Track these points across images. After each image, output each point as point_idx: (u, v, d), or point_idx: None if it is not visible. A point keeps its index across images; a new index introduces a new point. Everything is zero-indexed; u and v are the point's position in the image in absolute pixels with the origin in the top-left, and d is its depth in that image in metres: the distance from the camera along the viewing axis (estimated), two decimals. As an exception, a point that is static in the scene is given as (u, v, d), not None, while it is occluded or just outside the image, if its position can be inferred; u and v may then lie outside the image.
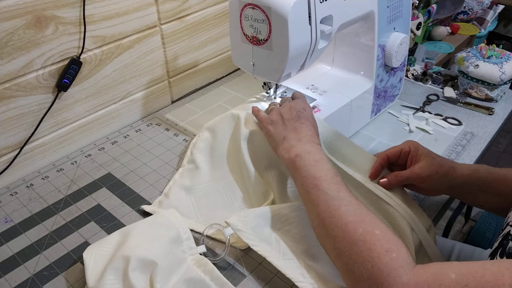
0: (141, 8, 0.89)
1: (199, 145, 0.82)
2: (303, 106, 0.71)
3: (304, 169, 0.62)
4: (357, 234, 0.53)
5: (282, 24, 0.66)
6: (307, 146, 0.65)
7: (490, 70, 0.99)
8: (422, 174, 0.66)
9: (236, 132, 0.78)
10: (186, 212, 0.73)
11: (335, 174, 0.61)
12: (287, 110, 0.70)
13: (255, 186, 0.73)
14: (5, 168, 0.81)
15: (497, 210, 0.70)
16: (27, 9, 0.72)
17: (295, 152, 0.65)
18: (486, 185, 0.67)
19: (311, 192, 0.60)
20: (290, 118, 0.69)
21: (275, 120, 0.71)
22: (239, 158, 0.76)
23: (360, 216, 0.55)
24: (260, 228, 0.63)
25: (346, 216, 0.55)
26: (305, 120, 0.69)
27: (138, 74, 0.96)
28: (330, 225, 0.56)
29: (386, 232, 0.53)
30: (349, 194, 0.59)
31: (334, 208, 0.56)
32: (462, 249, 0.93)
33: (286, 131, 0.68)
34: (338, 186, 0.59)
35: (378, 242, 0.51)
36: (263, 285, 0.62)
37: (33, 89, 0.79)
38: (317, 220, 0.58)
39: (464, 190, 0.69)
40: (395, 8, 0.88)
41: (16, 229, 0.72)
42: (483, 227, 1.15)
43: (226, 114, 0.81)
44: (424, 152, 0.68)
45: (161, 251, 0.60)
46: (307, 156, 0.63)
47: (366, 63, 0.89)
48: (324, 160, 0.63)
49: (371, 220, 0.54)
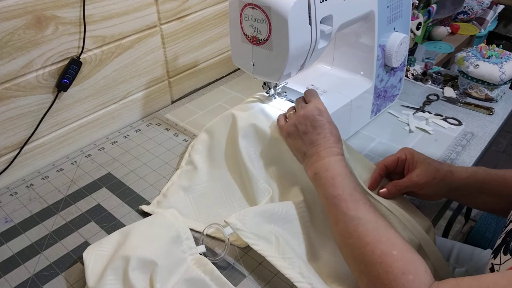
0: (141, 8, 0.89)
1: (197, 146, 0.82)
2: (317, 111, 0.68)
3: (323, 188, 0.63)
4: (375, 256, 0.53)
5: (282, 24, 0.66)
6: (325, 161, 0.64)
7: (490, 70, 0.99)
8: (420, 181, 0.67)
9: (233, 131, 0.79)
10: (185, 211, 0.73)
11: (354, 190, 0.61)
12: (302, 121, 0.68)
13: (253, 183, 0.73)
14: (5, 168, 0.81)
15: (497, 211, 0.70)
16: (27, 9, 0.72)
17: (314, 170, 0.65)
18: (485, 187, 0.67)
19: (331, 211, 0.61)
20: (305, 130, 0.68)
21: (292, 133, 0.69)
22: (237, 156, 0.77)
23: (377, 236, 0.55)
24: (259, 227, 0.63)
25: (364, 237, 0.55)
26: (322, 130, 0.67)
27: (138, 74, 0.96)
28: (350, 246, 0.56)
29: (404, 252, 0.53)
30: (367, 211, 0.58)
31: (353, 229, 0.57)
32: (462, 249, 0.93)
33: (304, 146, 0.67)
34: (356, 205, 0.59)
35: (395, 264, 0.51)
36: (263, 285, 0.62)
37: (33, 89, 0.79)
38: (339, 239, 0.59)
39: (463, 192, 0.69)
40: (395, 8, 0.88)
41: (16, 229, 0.72)
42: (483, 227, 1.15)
43: (223, 114, 0.81)
44: (420, 158, 0.68)
45: (161, 251, 0.60)
46: (325, 174, 0.63)
47: (366, 63, 0.89)
48: (343, 175, 0.63)
49: (388, 240, 0.54)
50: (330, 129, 0.68)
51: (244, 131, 0.77)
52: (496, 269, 0.51)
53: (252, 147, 0.77)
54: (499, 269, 0.51)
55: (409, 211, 0.69)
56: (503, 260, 0.51)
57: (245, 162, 0.74)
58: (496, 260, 0.52)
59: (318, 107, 0.69)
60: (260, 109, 0.80)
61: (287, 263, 0.60)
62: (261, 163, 0.77)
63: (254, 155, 0.77)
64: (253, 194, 0.73)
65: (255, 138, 0.77)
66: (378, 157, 0.86)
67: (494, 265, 0.52)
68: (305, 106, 0.70)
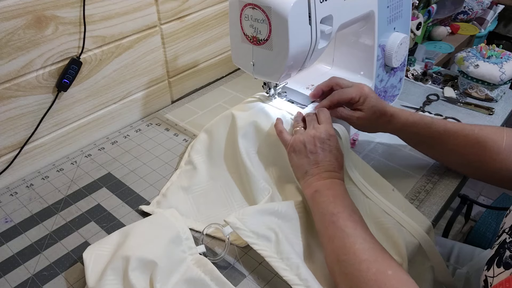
0: (141, 8, 0.89)
1: (196, 147, 0.82)
2: (327, 135, 0.69)
3: (322, 205, 0.63)
4: (369, 274, 0.53)
5: (282, 24, 0.66)
6: (327, 182, 0.65)
7: (490, 70, 0.99)
8: (359, 123, 0.76)
9: (232, 131, 0.79)
10: (185, 211, 0.73)
11: (353, 211, 0.61)
12: (311, 140, 0.69)
13: (253, 183, 0.73)
14: (5, 168, 0.81)
15: (440, 161, 0.81)
16: (27, 9, 0.72)
17: (314, 188, 0.65)
18: (423, 138, 0.76)
19: (328, 228, 0.60)
20: (313, 151, 0.68)
21: (298, 150, 0.69)
22: (237, 156, 0.77)
23: (374, 255, 0.55)
24: (259, 226, 0.63)
25: (360, 254, 0.55)
26: (328, 153, 0.68)
27: (138, 74, 0.96)
28: (344, 262, 0.56)
29: (398, 273, 0.53)
30: (365, 231, 0.59)
31: (350, 245, 0.57)
32: (462, 249, 0.94)
33: (308, 165, 0.68)
34: (355, 224, 0.59)
35: (389, 283, 0.52)
36: (263, 285, 0.62)
37: (33, 89, 0.79)
38: (332, 256, 0.59)
39: (402, 136, 0.78)
40: (395, 8, 0.88)
41: (16, 229, 0.72)
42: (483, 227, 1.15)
43: (222, 114, 0.81)
44: (369, 104, 0.74)
45: (160, 251, 0.60)
46: (325, 192, 0.63)
47: (366, 63, 0.89)
48: (343, 196, 0.63)
49: (384, 260, 0.54)
50: (336, 155, 0.68)
51: (244, 131, 0.77)
52: (490, 281, 0.51)
53: (252, 146, 0.77)
54: (492, 281, 0.51)
55: (408, 211, 0.69)
56: (496, 272, 0.51)
57: (245, 162, 0.74)
58: (490, 272, 0.52)
59: (329, 131, 0.70)
60: (260, 109, 0.80)
61: (285, 264, 0.60)
62: (261, 162, 0.77)
63: (254, 154, 0.77)
64: (253, 194, 0.73)
65: (254, 137, 0.77)
66: (378, 157, 0.86)
67: (488, 277, 0.52)
68: (317, 127, 0.70)
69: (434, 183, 0.80)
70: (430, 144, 0.76)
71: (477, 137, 0.70)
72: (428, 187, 0.79)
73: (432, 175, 0.81)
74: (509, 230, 0.54)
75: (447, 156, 0.77)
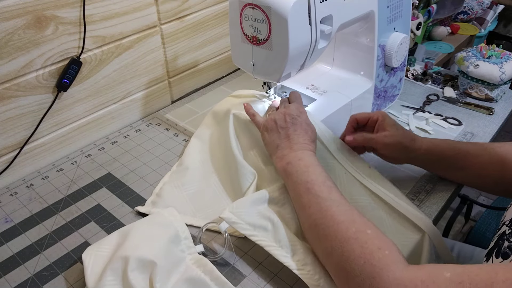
0: (141, 8, 0.89)
1: (187, 150, 0.84)
2: (297, 112, 0.71)
3: (295, 175, 0.64)
4: (349, 233, 0.54)
5: (282, 24, 0.66)
6: (298, 153, 0.66)
7: (490, 70, 0.99)
8: (387, 141, 0.72)
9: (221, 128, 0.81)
10: (181, 208, 0.73)
11: (326, 178, 0.62)
12: (281, 117, 0.71)
13: (239, 170, 0.74)
14: (5, 168, 0.81)
15: (468, 183, 0.77)
16: (27, 9, 0.72)
17: (286, 160, 0.66)
18: (446, 160, 0.73)
19: (302, 196, 0.61)
20: (284, 126, 0.70)
21: (270, 128, 0.71)
22: (226, 149, 0.78)
23: (351, 217, 0.56)
24: (254, 217, 0.63)
25: (338, 216, 0.56)
26: (299, 127, 0.69)
27: (138, 74, 0.96)
28: (321, 225, 0.57)
29: (378, 232, 0.54)
30: (340, 196, 0.60)
31: (326, 209, 0.58)
32: (462, 249, 0.94)
33: (279, 139, 0.69)
34: (329, 189, 0.60)
35: (370, 241, 0.52)
36: (263, 285, 0.62)
37: (33, 89, 0.79)
38: (308, 221, 0.59)
39: (424, 162, 0.75)
40: (395, 8, 0.88)
41: (16, 229, 0.72)
42: (483, 227, 1.15)
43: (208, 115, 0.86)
44: (391, 122, 0.73)
45: (160, 251, 0.60)
46: (297, 163, 0.65)
47: (366, 63, 0.89)
48: (315, 165, 0.64)
49: (362, 221, 0.56)
50: (306, 129, 0.70)
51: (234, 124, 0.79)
52: None
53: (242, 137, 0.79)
54: None
55: (408, 212, 0.69)
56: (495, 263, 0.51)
57: (233, 151, 0.76)
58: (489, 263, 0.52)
59: (299, 108, 0.72)
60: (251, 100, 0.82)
61: (285, 251, 0.60)
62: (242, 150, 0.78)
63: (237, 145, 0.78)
64: (239, 180, 0.74)
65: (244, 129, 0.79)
66: (379, 157, 0.85)
67: None
68: (287, 106, 0.73)
69: (434, 183, 0.80)
70: (457, 166, 0.73)
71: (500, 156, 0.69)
72: (428, 187, 0.79)
73: (432, 175, 0.81)
74: (509, 222, 0.54)
75: (473, 177, 0.74)
